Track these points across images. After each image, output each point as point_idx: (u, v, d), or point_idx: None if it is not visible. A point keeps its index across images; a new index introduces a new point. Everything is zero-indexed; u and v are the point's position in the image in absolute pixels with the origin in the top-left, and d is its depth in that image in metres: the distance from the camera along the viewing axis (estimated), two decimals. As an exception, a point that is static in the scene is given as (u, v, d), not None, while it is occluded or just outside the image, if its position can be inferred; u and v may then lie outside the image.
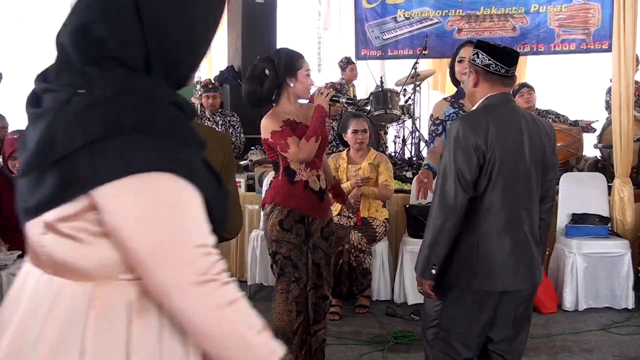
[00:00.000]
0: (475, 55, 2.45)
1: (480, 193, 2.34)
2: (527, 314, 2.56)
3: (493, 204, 2.34)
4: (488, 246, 2.35)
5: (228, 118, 6.27)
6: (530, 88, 5.71)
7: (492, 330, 2.49)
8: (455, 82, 3.22)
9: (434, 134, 3.19)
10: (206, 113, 6.27)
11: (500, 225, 2.35)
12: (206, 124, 6.19)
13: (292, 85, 3.17)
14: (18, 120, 6.96)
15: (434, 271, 2.37)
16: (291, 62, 3.15)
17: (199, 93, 6.29)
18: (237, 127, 6.28)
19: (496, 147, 2.30)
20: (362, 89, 8.31)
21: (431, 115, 3.26)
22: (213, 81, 6.49)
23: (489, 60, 2.40)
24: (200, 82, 7.15)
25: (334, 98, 3.25)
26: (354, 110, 5.88)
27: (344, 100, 3.41)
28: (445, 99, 3.32)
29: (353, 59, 8.05)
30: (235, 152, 6.10)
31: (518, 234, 2.38)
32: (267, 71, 3.14)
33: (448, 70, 3.32)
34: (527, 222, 2.40)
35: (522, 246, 2.39)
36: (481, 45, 2.46)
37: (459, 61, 3.20)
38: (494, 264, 2.35)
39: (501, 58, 2.40)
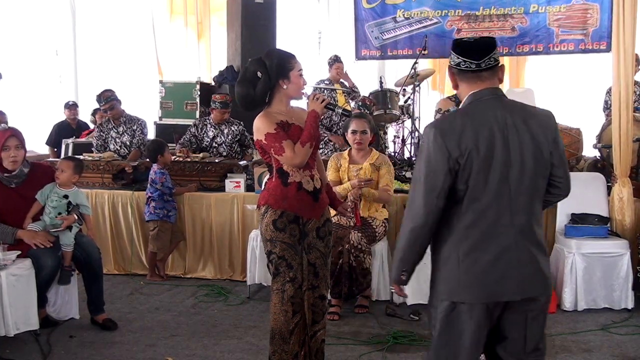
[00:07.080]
0: (450, 57, 2.31)
1: (459, 200, 2.19)
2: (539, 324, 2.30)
3: (475, 211, 2.17)
4: (472, 256, 2.19)
5: (235, 127, 6.27)
6: None
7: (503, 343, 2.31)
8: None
9: None
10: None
11: (484, 232, 2.18)
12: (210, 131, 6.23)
13: (285, 87, 3.16)
14: (18, 119, 6.97)
15: (404, 277, 2.31)
16: (283, 64, 3.14)
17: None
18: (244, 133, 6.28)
19: (473, 151, 2.13)
20: (363, 88, 8.31)
21: (439, 109, 3.25)
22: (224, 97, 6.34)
23: (458, 58, 2.26)
24: (200, 82, 7.15)
25: (329, 105, 3.22)
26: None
27: (339, 110, 3.40)
28: (449, 97, 3.32)
29: (353, 58, 8.03)
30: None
31: (504, 240, 2.18)
32: (259, 74, 3.13)
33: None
34: (517, 227, 2.19)
35: (512, 252, 2.18)
36: (453, 44, 2.31)
37: None
38: (482, 274, 2.18)
39: (468, 54, 2.25)
